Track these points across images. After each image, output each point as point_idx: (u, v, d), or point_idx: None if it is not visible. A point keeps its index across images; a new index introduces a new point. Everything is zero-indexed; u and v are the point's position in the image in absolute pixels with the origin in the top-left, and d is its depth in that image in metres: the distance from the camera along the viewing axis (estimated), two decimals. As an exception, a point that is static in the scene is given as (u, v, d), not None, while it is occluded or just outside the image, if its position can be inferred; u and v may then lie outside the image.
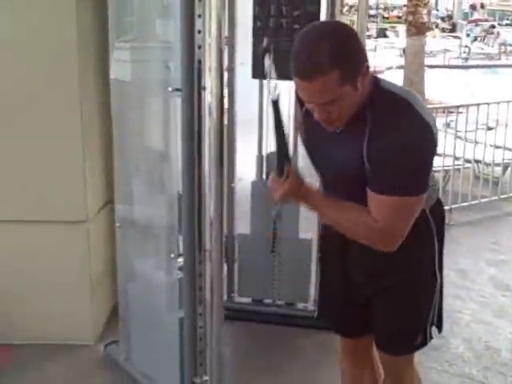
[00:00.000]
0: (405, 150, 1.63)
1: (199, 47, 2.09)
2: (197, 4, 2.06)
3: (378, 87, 1.72)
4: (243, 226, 3.25)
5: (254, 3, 2.98)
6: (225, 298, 3.13)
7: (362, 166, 1.70)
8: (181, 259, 2.27)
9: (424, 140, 1.66)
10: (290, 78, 1.86)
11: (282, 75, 3.00)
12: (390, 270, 1.87)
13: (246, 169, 3.27)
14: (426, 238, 1.86)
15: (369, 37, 24.57)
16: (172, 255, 2.27)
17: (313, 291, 3.26)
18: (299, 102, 2.02)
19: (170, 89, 2.15)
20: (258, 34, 3.00)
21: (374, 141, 1.66)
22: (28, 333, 2.96)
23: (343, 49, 1.60)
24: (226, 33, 2.85)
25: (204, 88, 2.15)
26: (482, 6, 28.53)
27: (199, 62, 2.10)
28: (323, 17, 2.95)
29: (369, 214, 1.73)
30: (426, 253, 1.90)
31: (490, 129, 5.61)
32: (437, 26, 28.97)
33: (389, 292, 1.90)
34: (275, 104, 1.86)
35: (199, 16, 2.08)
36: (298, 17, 2.97)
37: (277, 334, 3.16)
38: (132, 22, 2.44)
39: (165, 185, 2.33)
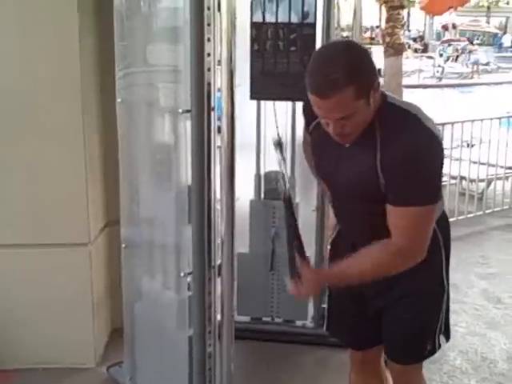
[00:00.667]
0: (418, 160, 1.71)
1: (208, 69, 2.15)
2: (206, 28, 2.12)
3: (386, 102, 1.81)
4: (242, 244, 3.28)
5: (251, 26, 3.04)
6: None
7: (374, 179, 1.77)
8: (190, 278, 2.30)
9: (433, 149, 1.76)
10: (287, 99, 1.91)
11: (280, 96, 3.10)
12: (401, 281, 1.92)
13: (243, 188, 3.31)
14: (435, 248, 1.91)
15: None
16: (182, 274, 2.29)
17: (311, 308, 3.30)
18: (306, 118, 2.09)
19: (180, 110, 2.20)
20: (255, 56, 3.07)
21: (387, 154, 1.73)
22: (29, 357, 2.95)
23: (357, 65, 1.68)
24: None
25: (213, 109, 2.20)
26: (454, 27, 29.13)
27: (208, 84, 2.15)
28: (319, 39, 3.02)
29: (382, 246, 1.80)
30: (435, 263, 1.96)
31: (473, 146, 5.75)
32: (409, 47, 29.49)
33: (399, 302, 1.96)
34: (288, 201, 1.94)
35: (208, 40, 2.14)
36: (294, 39, 3.04)
37: (276, 351, 3.19)
38: (140, 46, 2.47)
39: (174, 205, 2.36)
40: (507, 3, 50.75)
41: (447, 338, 2.07)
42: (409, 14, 38.44)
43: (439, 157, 1.77)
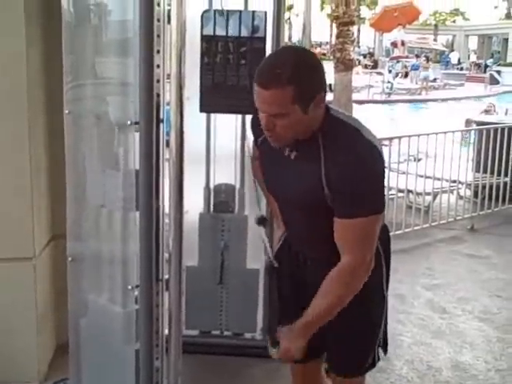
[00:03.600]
0: (359, 171, 1.75)
1: (157, 81, 2.14)
2: (155, 40, 2.12)
3: (329, 116, 1.85)
4: (191, 257, 3.27)
5: (201, 39, 3.05)
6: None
7: (320, 191, 1.80)
8: (137, 291, 2.27)
9: (374, 160, 1.81)
10: (237, 112, 1.94)
11: (230, 109, 3.11)
12: None
13: (192, 201, 3.29)
14: (376, 262, 1.94)
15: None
16: (129, 287, 2.26)
17: (260, 321, 3.30)
18: (254, 133, 2.11)
19: (128, 122, 2.18)
20: (205, 70, 3.08)
21: (330, 166, 1.77)
22: (-31, 373, 2.85)
23: (304, 72, 1.73)
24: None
25: (162, 121, 2.20)
26: (403, 44, 29.87)
27: (157, 95, 2.15)
28: (268, 53, 3.05)
29: (337, 273, 1.83)
30: (376, 276, 1.98)
31: (419, 160, 5.89)
32: (359, 63, 30.07)
33: (341, 316, 1.97)
34: (272, 269, 2.08)
35: (158, 51, 2.14)
36: (244, 53, 3.07)
37: (226, 364, 3.18)
38: (89, 58, 2.45)
39: (122, 216, 2.33)
40: (454, 22, 52.33)
41: (385, 351, 2.10)
42: (359, 30, 39.26)
43: (380, 167, 1.82)
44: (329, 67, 11.68)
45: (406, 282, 4.36)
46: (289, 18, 26.65)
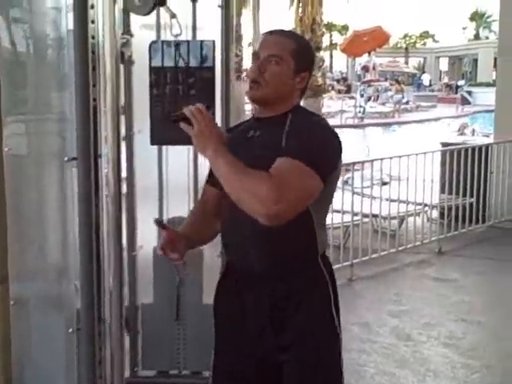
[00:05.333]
0: (319, 134, 1.84)
1: (94, 115, 2.09)
2: (91, 73, 2.07)
3: (300, 106, 1.96)
4: (146, 295, 3.18)
5: (150, 71, 3.01)
6: (127, 373, 3.02)
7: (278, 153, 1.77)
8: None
9: (334, 137, 1.87)
10: (189, 143, 1.89)
11: (182, 140, 3.06)
12: (291, 323, 1.88)
13: (147, 236, 3.22)
14: (321, 286, 1.89)
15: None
16: (70, 330, 2.18)
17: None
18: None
19: (66, 158, 2.12)
20: (155, 101, 3.02)
21: (292, 129, 1.83)
22: None
23: (305, 45, 1.99)
24: (122, 101, 2.87)
25: (100, 156, 2.14)
26: (374, 68, 30.27)
27: (95, 129, 2.09)
28: (218, 83, 3.02)
29: (264, 175, 1.72)
30: (323, 303, 1.91)
31: (384, 184, 5.89)
32: (333, 88, 30.35)
33: (297, 359, 1.89)
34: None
35: (94, 85, 2.09)
36: (193, 83, 3.02)
37: (185, 403, 3.08)
38: (26, 94, 2.39)
39: (62, 257, 2.26)
40: (424, 44, 53.27)
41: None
42: (331, 56, 39.78)
43: (337, 143, 1.86)
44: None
45: (372, 309, 4.31)
46: (239, 49, 26.75)
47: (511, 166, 6.85)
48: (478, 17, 55.44)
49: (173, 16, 2.65)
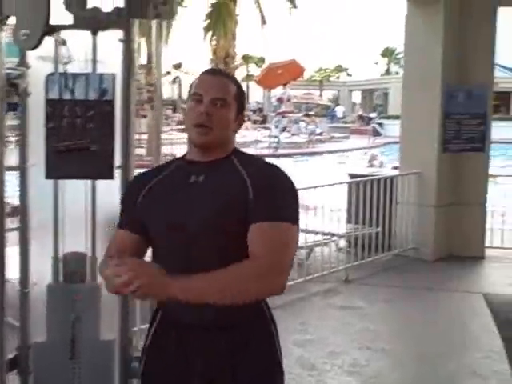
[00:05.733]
0: (287, 183, 1.84)
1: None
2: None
3: (236, 149, 1.97)
4: (40, 333, 3.06)
5: (46, 103, 2.94)
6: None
7: (240, 202, 1.75)
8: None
9: (288, 177, 1.89)
10: (86, 177, 1.84)
11: (79, 174, 3.00)
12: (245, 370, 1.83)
13: (42, 272, 3.11)
14: (267, 328, 1.90)
15: (183, 130, 25.47)
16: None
17: (119, 395, 3.12)
18: (128, 200, 2.02)
19: None
20: (50, 134, 2.96)
21: (256, 177, 1.80)
22: None
23: (242, 91, 1.97)
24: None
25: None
26: (289, 99, 30.92)
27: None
28: (118, 116, 2.99)
29: (252, 261, 1.68)
30: (271, 344, 1.93)
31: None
32: (249, 119, 30.74)
33: None
34: None
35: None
36: (92, 116, 2.98)
37: None
38: None
39: None
40: (338, 77, 54.99)
41: None
42: (248, 87, 40.31)
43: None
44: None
45: (277, 340, 4.31)
46: (177, 77, 26.94)
47: (415, 197, 7.11)
48: (388, 53, 57.88)
49: (62, 43, 2.62)
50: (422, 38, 7.21)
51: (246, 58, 44.82)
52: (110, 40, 3.08)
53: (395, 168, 8.04)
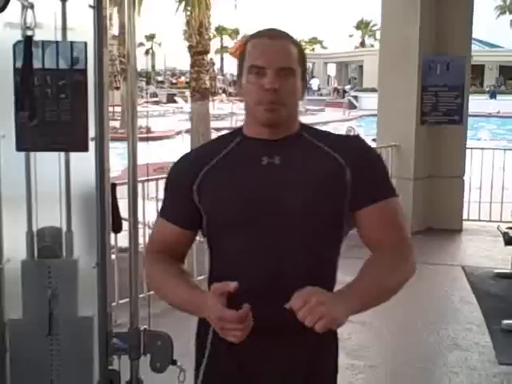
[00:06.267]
0: (375, 152, 1.72)
1: None
2: None
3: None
4: (15, 310, 2.97)
5: (14, 73, 2.82)
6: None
7: (337, 186, 1.59)
8: None
9: None
10: (59, 149, 1.73)
11: (51, 146, 2.90)
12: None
13: (15, 248, 3.01)
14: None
15: (158, 102, 25.17)
16: None
17: (97, 374, 3.05)
18: (187, 175, 1.71)
19: None
20: (21, 105, 2.84)
21: (348, 154, 1.60)
22: None
23: (304, 53, 1.72)
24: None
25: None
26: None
27: None
28: (91, 86, 2.88)
29: (388, 248, 1.57)
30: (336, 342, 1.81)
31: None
32: (224, 91, 30.50)
33: None
34: None
35: None
36: (63, 86, 2.87)
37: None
38: None
39: None
40: (313, 50, 54.77)
41: None
42: (222, 58, 39.92)
43: None
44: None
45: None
46: (151, 48, 26.58)
47: (393, 169, 7.09)
48: (363, 25, 57.81)
49: (30, 7, 2.51)
50: (400, 10, 7.15)
51: (220, 30, 44.35)
52: (80, 6, 2.97)
53: (374, 140, 8.03)
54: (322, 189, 1.57)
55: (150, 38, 35.98)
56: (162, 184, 5.03)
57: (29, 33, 2.56)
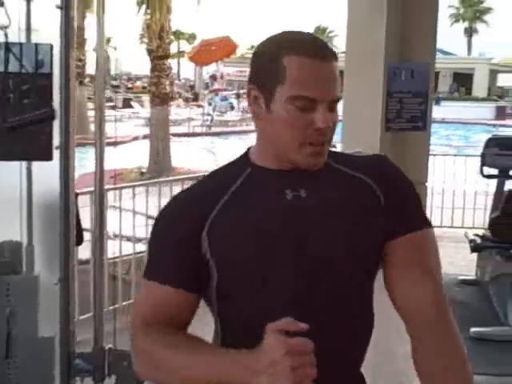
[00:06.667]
0: (405, 176, 1.36)
1: None
2: None
3: None
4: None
5: (-25, 77, 2.64)
6: None
7: (376, 222, 1.28)
8: None
9: None
10: (22, 158, 1.57)
11: (13, 155, 2.72)
12: None
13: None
14: None
15: (114, 107, 24.85)
16: None
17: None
18: (193, 218, 1.28)
19: None
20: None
21: (379, 179, 1.30)
22: None
23: None
24: None
25: None
26: (222, 77, 30.62)
27: None
28: (56, 90, 2.72)
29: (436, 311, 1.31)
30: None
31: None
32: (180, 96, 30.26)
33: None
34: None
35: None
36: (27, 91, 2.70)
37: None
38: None
39: None
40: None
41: None
42: (179, 63, 39.69)
43: None
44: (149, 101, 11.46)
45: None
46: (106, 51, 26.14)
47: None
48: (320, 32, 58.27)
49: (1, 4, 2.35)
50: (366, 15, 7.13)
51: (178, 34, 44.12)
52: (45, 7, 2.81)
53: (334, 147, 7.94)
54: (365, 226, 1.28)
55: (106, 41, 35.51)
56: (124, 193, 4.85)
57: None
